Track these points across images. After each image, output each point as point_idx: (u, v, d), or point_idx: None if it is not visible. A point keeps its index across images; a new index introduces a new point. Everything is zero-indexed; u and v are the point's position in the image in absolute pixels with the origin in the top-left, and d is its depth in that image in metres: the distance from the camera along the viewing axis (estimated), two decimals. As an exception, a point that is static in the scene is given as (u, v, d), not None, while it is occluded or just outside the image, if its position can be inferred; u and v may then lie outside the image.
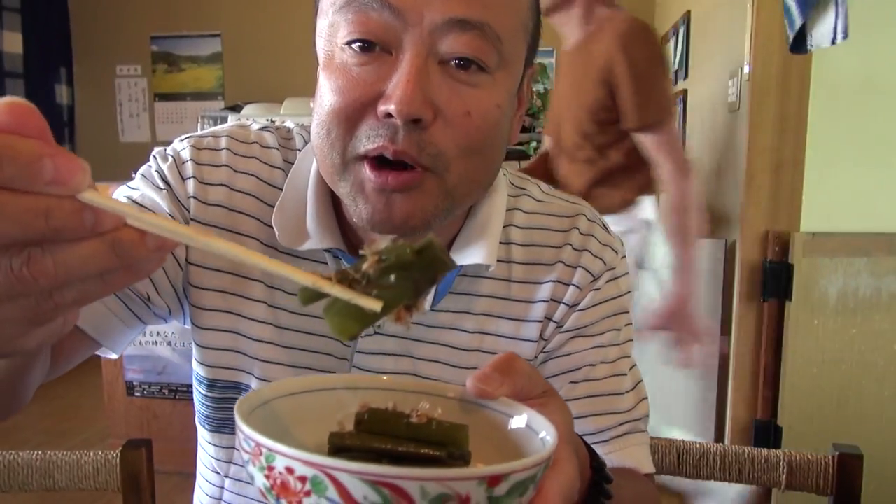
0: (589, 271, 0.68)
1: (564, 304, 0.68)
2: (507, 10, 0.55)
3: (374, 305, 0.34)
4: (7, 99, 0.28)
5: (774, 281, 1.85)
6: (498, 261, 0.66)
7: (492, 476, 0.31)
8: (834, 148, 1.79)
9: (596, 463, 0.51)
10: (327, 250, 0.64)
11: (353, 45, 0.54)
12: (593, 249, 0.69)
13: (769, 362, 1.89)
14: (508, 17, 0.56)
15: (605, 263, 0.69)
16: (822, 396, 1.85)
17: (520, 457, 0.34)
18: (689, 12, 2.92)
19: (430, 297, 0.64)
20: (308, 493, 0.30)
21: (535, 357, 0.69)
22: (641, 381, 0.72)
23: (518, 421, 0.40)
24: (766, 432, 1.91)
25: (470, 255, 0.64)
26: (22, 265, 0.28)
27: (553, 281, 0.68)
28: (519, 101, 0.64)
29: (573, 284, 0.68)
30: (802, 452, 0.88)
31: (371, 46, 0.54)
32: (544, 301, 0.68)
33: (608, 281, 0.69)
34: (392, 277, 0.36)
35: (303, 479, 0.30)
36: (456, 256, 0.64)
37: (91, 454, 0.87)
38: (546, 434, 0.38)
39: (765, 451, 0.89)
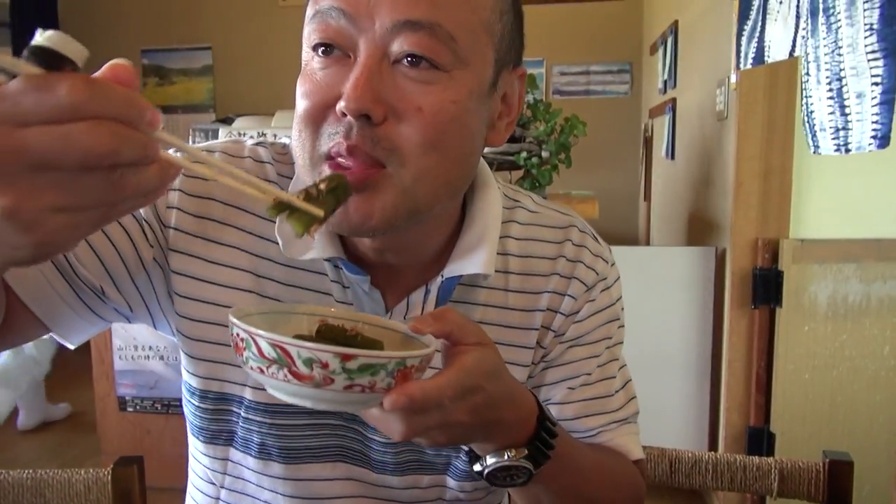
0: (583, 282, 0.71)
1: (561, 313, 0.70)
2: (460, 8, 0.57)
3: (318, 212, 0.49)
4: (119, 60, 0.37)
5: (764, 288, 1.87)
6: (496, 271, 0.68)
7: (345, 354, 0.44)
8: (820, 154, 1.80)
9: (542, 416, 0.58)
10: (328, 260, 0.65)
11: (318, 51, 0.58)
12: (586, 260, 0.72)
13: (761, 369, 1.90)
14: (462, 16, 0.57)
15: (597, 273, 0.72)
16: (814, 402, 1.86)
17: None
18: (676, 22, 2.95)
19: (431, 305, 0.66)
20: (245, 349, 0.46)
21: (533, 363, 0.71)
22: (630, 380, 0.76)
23: (429, 346, 0.53)
24: (760, 439, 1.92)
25: (468, 265, 0.65)
26: (120, 177, 0.37)
27: (549, 292, 0.70)
28: (507, 105, 0.65)
29: (568, 294, 0.70)
30: (793, 460, 0.89)
31: (330, 50, 0.57)
32: (541, 310, 0.70)
33: (602, 291, 0.72)
34: (330, 196, 0.53)
35: (242, 340, 0.46)
36: (454, 265, 0.66)
37: (82, 472, 0.86)
38: (433, 346, 0.51)
39: (756, 459, 0.90)
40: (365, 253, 0.66)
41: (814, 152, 1.31)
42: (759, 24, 1.51)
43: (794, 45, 1.36)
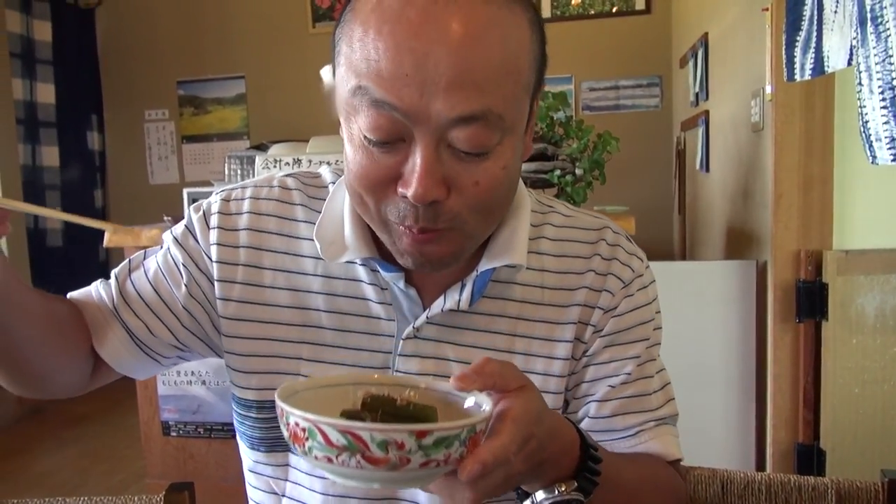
0: (619, 278, 0.74)
1: (599, 308, 0.74)
2: (506, 86, 0.59)
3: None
4: None
5: (809, 301, 1.82)
6: (531, 269, 0.73)
7: (419, 431, 0.44)
8: (862, 163, 1.77)
9: (584, 444, 0.60)
10: (364, 264, 0.71)
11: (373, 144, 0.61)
12: (621, 258, 0.75)
13: (808, 384, 1.85)
14: (508, 91, 0.60)
15: (633, 271, 0.75)
16: (865, 417, 1.80)
17: None
18: (706, 34, 2.93)
19: (466, 297, 0.70)
20: (307, 439, 0.45)
21: (574, 359, 0.74)
22: (669, 383, 0.78)
23: (470, 400, 0.54)
24: (809, 456, 1.87)
25: (501, 258, 0.70)
26: None
27: (585, 288, 0.74)
28: (530, 114, 0.68)
29: (605, 290, 0.74)
30: (850, 480, 0.87)
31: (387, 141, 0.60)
32: (578, 305, 0.73)
33: (639, 289, 0.75)
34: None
35: (304, 430, 0.45)
36: (488, 260, 0.71)
37: (135, 498, 0.88)
38: (485, 406, 0.51)
39: (811, 479, 0.88)
40: None
41: (872, 163, 1.29)
42: (815, 34, 1.49)
43: (850, 55, 1.34)
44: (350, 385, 0.56)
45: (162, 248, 0.78)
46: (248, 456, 0.79)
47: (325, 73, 2.97)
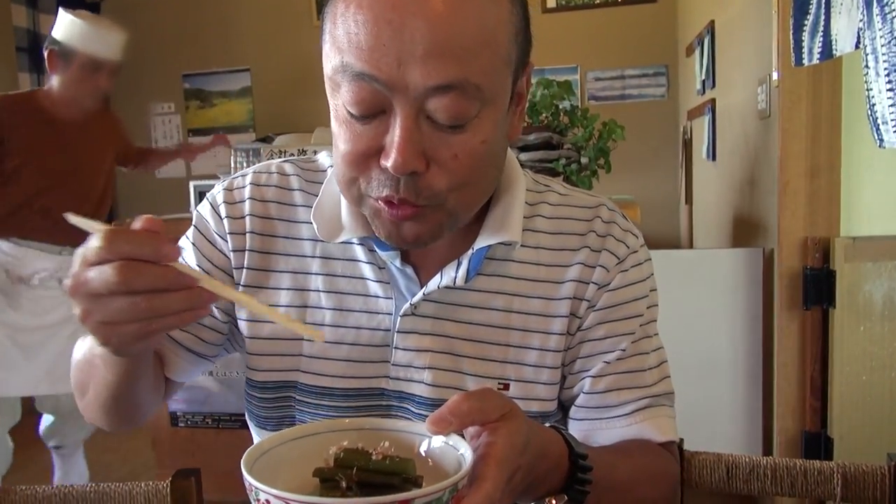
0: (614, 254, 0.75)
1: (594, 283, 0.74)
2: (483, 57, 0.60)
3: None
4: (145, 216, 0.51)
5: (816, 288, 1.82)
6: (527, 246, 0.74)
7: (401, 500, 0.42)
8: (870, 150, 1.75)
9: (573, 456, 0.60)
10: (361, 243, 0.74)
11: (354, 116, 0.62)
12: (616, 234, 0.76)
13: (815, 372, 1.85)
14: (487, 62, 0.60)
15: (628, 247, 0.76)
16: (873, 405, 1.80)
17: (454, 474, 0.47)
18: (712, 22, 2.91)
19: (462, 274, 0.71)
20: None
21: (570, 334, 0.75)
22: (665, 361, 0.79)
23: (453, 449, 0.52)
24: (817, 444, 1.86)
25: (497, 236, 0.71)
26: (144, 300, 0.49)
27: (580, 263, 0.74)
28: (519, 96, 0.69)
29: (600, 265, 0.74)
30: (856, 463, 0.86)
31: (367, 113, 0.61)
32: (573, 281, 0.74)
33: (634, 265, 0.76)
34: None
35: None
36: (483, 237, 0.72)
37: (142, 485, 0.89)
38: (462, 451, 0.50)
39: (817, 464, 0.87)
40: None
41: (879, 146, 1.27)
42: (823, 18, 1.48)
43: (858, 38, 1.32)
44: (321, 434, 0.54)
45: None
46: (258, 435, 0.82)
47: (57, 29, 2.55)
